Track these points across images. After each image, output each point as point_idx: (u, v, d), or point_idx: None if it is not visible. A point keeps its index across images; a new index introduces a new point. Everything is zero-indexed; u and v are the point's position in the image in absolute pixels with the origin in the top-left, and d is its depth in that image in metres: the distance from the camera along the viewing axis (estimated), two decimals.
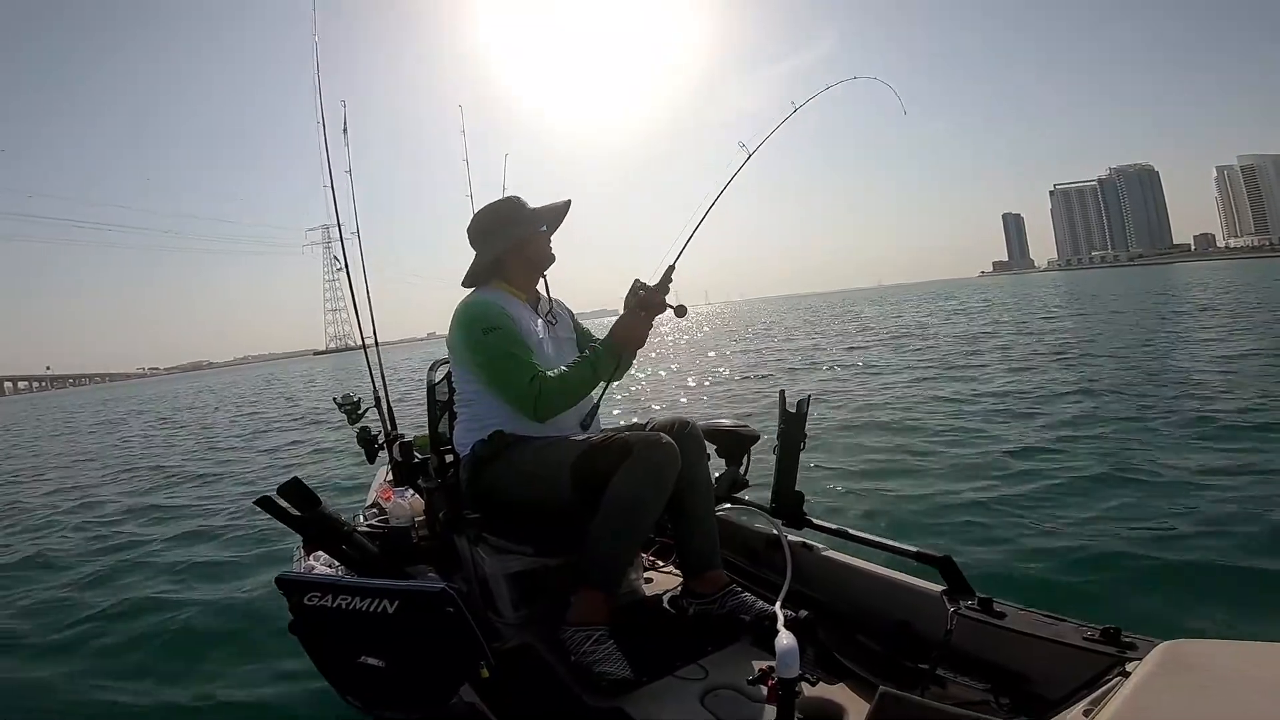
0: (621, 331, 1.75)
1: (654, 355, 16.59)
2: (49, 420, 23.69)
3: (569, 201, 1.92)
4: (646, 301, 1.74)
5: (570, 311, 2.08)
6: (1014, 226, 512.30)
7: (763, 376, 10.65)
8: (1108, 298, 23.67)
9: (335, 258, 2.63)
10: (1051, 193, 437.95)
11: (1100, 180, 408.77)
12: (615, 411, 7.70)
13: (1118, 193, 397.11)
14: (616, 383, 1.95)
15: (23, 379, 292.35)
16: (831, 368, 10.62)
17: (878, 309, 31.27)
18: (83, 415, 24.04)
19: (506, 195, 1.96)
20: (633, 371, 2.26)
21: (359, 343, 2.84)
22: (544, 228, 1.91)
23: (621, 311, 1.79)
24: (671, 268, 1.78)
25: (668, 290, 1.76)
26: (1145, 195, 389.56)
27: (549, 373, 1.70)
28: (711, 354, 16.05)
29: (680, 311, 1.76)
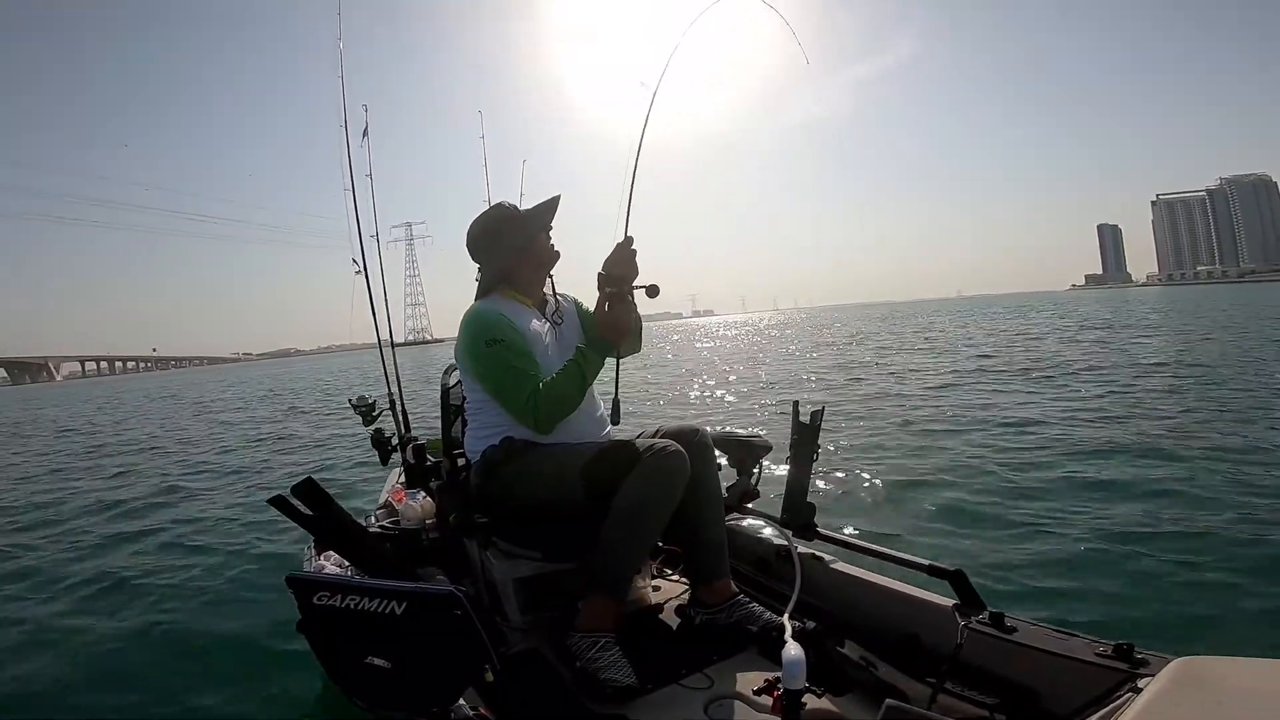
0: (603, 326, 1.73)
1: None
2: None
3: (558, 196, 1.90)
4: (617, 294, 1.71)
5: (576, 303, 2.04)
6: (1110, 238, 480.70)
7: None
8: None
9: (354, 260, 2.66)
10: (1154, 203, 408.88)
11: (1209, 191, 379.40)
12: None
13: (1229, 204, 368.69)
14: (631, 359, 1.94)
15: (131, 359, 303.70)
16: None
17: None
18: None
19: (495, 203, 1.94)
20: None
21: (434, 337, 2.88)
22: (543, 229, 1.89)
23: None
24: (623, 244, 1.72)
25: (633, 270, 1.71)
26: (1260, 207, 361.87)
27: (544, 384, 1.68)
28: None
29: (652, 292, 1.72)
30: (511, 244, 1.86)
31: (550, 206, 1.90)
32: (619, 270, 1.71)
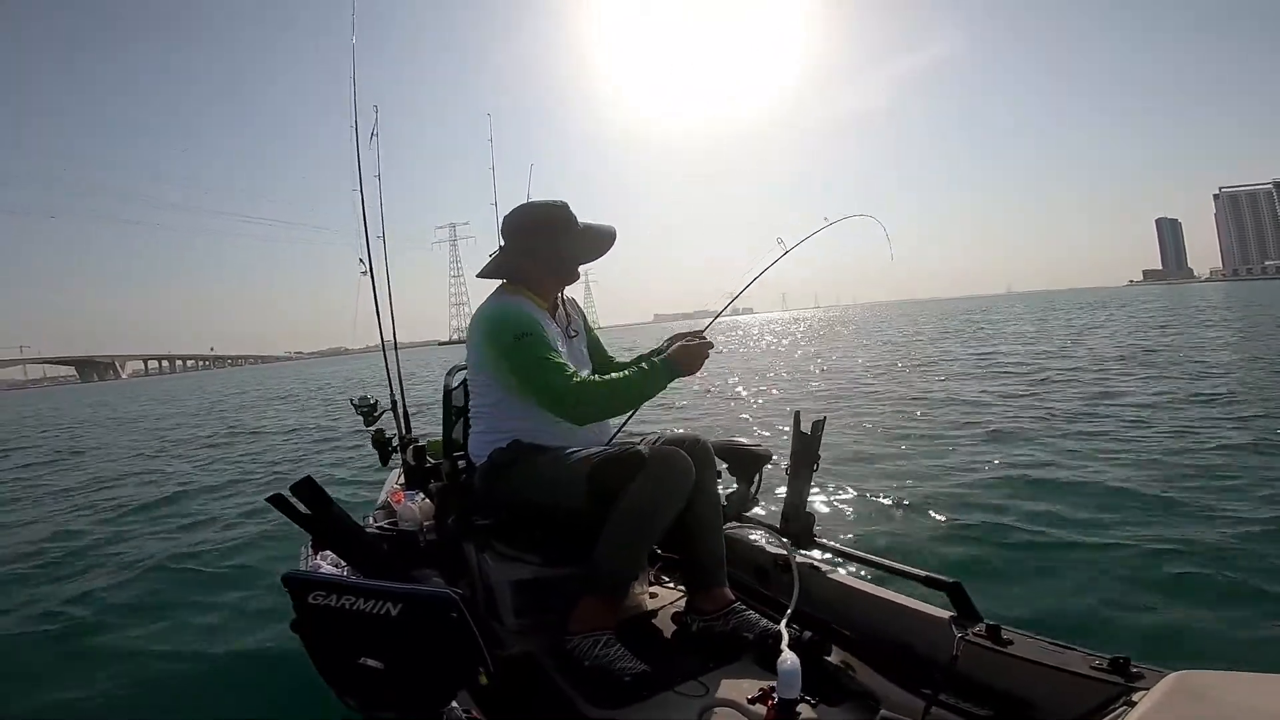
0: (682, 355, 1.72)
1: None
2: None
3: (614, 232, 1.90)
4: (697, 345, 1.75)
5: (583, 314, 2.06)
6: (1169, 232, 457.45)
7: None
8: None
9: (360, 260, 2.67)
10: (1216, 196, 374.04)
11: (1276, 183, 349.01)
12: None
13: None
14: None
15: (190, 357, 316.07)
16: None
17: None
18: None
19: (559, 201, 1.88)
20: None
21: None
22: (590, 259, 1.91)
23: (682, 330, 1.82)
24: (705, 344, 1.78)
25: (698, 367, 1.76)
26: None
27: (595, 379, 1.70)
28: None
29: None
30: (559, 242, 1.84)
31: (607, 243, 1.90)
32: (685, 360, 1.72)
